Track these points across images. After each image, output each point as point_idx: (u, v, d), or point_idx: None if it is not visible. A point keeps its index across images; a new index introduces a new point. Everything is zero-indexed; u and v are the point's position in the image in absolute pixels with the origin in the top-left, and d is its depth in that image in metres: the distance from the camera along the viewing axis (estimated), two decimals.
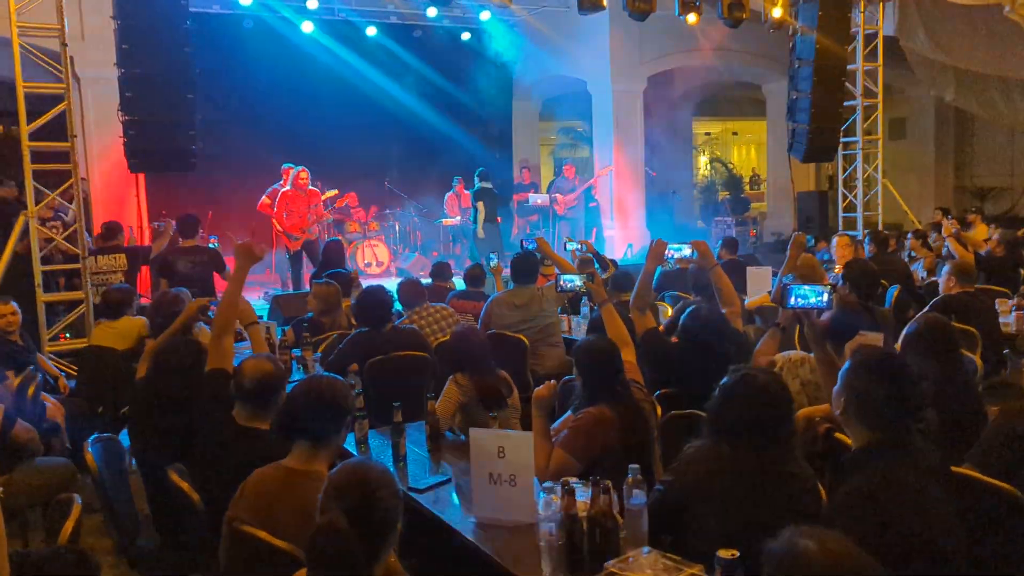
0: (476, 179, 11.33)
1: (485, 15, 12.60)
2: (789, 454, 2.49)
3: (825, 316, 3.23)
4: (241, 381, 3.02)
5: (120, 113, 6.86)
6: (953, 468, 2.22)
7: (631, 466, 2.50)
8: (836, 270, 6.47)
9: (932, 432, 2.65)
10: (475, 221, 11.20)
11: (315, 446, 2.61)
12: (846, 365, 2.40)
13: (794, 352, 3.62)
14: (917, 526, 2.01)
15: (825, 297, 3.11)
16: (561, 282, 4.50)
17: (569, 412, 3.45)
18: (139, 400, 3.67)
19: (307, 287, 8.50)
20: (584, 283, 4.29)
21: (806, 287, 3.16)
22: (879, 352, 2.42)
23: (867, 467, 2.18)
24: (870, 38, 11.05)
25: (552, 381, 3.25)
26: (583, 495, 2.53)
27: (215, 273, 7.31)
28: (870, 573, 1.49)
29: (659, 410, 3.64)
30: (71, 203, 7.31)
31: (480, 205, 11.10)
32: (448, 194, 12.67)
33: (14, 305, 5.18)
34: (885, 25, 11.01)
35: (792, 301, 3.16)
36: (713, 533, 2.30)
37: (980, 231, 9.82)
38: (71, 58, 7.08)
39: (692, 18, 9.26)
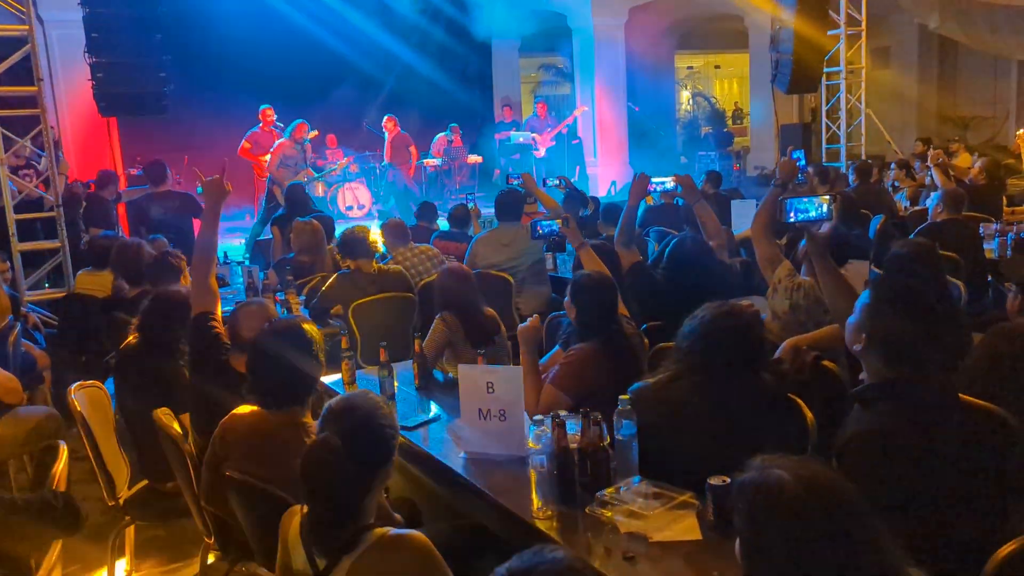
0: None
1: None
2: (761, 381, 2.53)
3: (825, 227, 3.18)
4: (238, 333, 2.96)
5: (87, 55, 6.64)
6: (961, 396, 2.21)
7: (620, 397, 2.50)
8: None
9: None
10: None
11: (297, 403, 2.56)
12: (864, 298, 2.30)
13: (798, 276, 3.60)
14: (928, 467, 2.01)
15: (825, 208, 3.04)
16: (538, 228, 4.43)
17: (558, 347, 3.44)
18: (126, 348, 3.63)
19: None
20: (560, 228, 4.22)
21: (805, 199, 3.07)
22: (903, 286, 2.35)
23: (883, 402, 2.14)
24: None
25: (536, 316, 3.22)
26: (573, 427, 2.53)
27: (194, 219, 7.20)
28: (845, 497, 1.45)
29: (646, 343, 3.64)
30: (43, 151, 7.14)
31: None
32: (440, 135, 12.47)
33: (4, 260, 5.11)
34: None
35: (792, 216, 3.07)
36: (691, 462, 2.33)
37: (963, 160, 9.81)
38: None
39: None
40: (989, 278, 5.35)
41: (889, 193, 8.06)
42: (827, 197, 3.09)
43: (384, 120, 12.02)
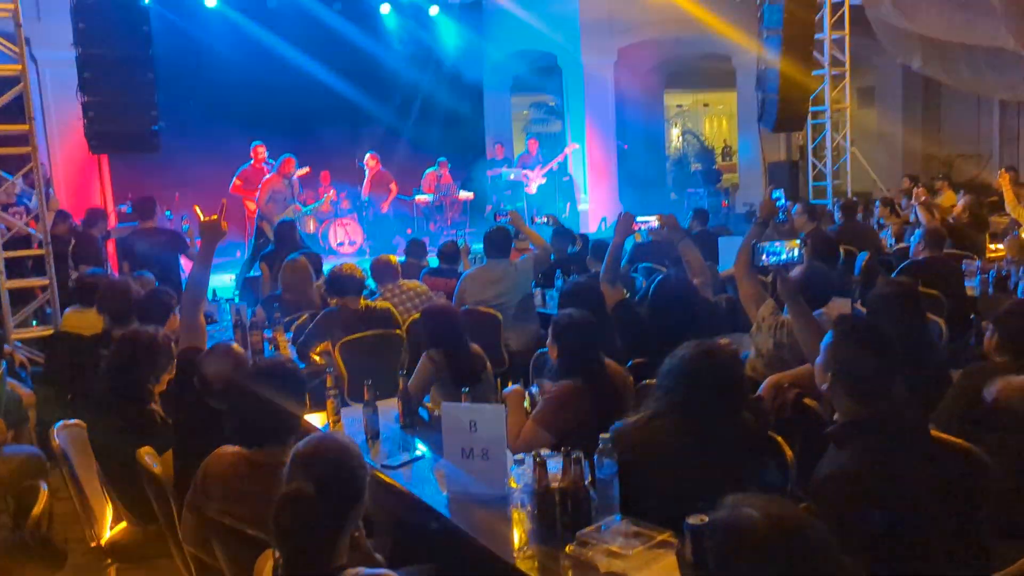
0: None
1: None
2: (741, 420, 2.54)
3: (797, 271, 3.23)
4: (207, 381, 2.95)
5: (79, 94, 6.71)
6: (932, 432, 2.23)
7: (601, 436, 2.51)
8: None
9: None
10: None
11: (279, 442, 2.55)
12: (828, 337, 2.33)
13: (781, 314, 3.62)
14: (901, 506, 2.02)
15: (796, 252, 3.10)
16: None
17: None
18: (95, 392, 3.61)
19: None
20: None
21: (777, 243, 3.13)
22: (862, 323, 2.39)
23: (854, 441, 2.16)
24: (836, 7, 11.06)
25: (519, 386, 3.30)
26: (554, 466, 2.53)
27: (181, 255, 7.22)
28: (815, 537, 1.46)
29: (631, 380, 3.65)
30: (34, 188, 7.17)
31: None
32: (428, 171, 12.57)
33: None
34: None
35: (764, 259, 3.13)
36: (671, 501, 2.33)
37: (947, 198, 9.93)
38: (27, 39, 6.89)
39: None
40: (972, 316, 5.38)
41: (874, 230, 8.15)
42: (797, 241, 3.15)
43: (367, 157, 12.12)
